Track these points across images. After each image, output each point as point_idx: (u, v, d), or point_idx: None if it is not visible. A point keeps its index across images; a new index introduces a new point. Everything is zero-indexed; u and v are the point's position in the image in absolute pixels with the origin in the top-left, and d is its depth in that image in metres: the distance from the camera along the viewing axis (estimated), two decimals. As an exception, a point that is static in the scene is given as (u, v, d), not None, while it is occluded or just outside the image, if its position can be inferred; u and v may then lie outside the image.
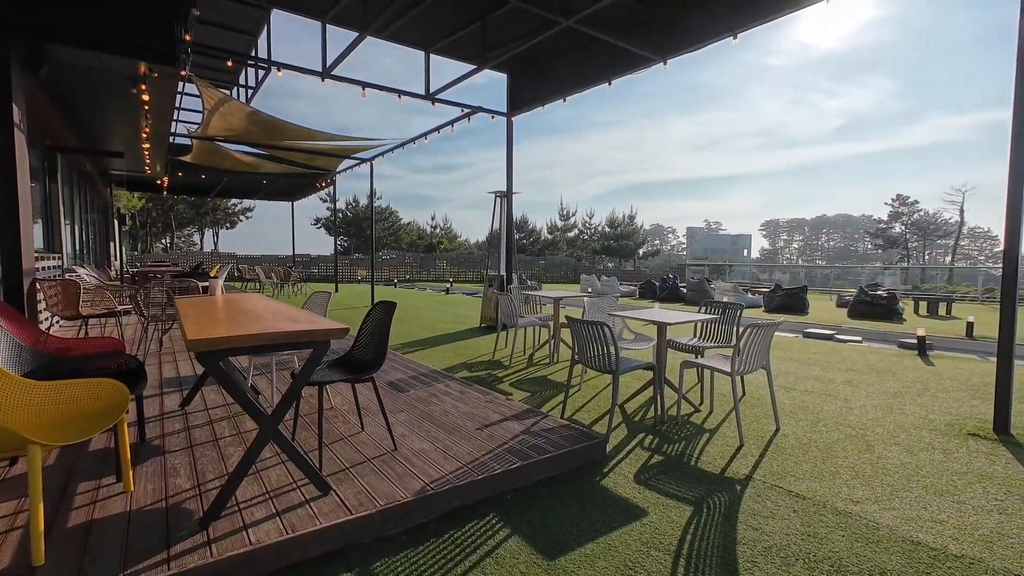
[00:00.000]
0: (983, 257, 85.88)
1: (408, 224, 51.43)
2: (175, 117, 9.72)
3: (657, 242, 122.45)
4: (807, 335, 9.91)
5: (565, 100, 8.07)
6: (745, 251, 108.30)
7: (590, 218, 47.42)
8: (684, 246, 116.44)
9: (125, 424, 2.63)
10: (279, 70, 7.24)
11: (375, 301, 3.53)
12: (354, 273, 31.56)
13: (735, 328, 5.02)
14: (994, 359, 7.34)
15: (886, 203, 61.02)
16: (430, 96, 8.47)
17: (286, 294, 17.15)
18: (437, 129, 10.24)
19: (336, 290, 19.63)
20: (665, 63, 6.59)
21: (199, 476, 2.89)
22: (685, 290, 16.51)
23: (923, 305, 13.58)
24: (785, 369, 6.31)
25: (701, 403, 4.80)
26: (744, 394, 5.08)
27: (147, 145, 9.70)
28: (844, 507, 2.88)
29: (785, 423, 4.30)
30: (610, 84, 7.29)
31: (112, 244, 17.89)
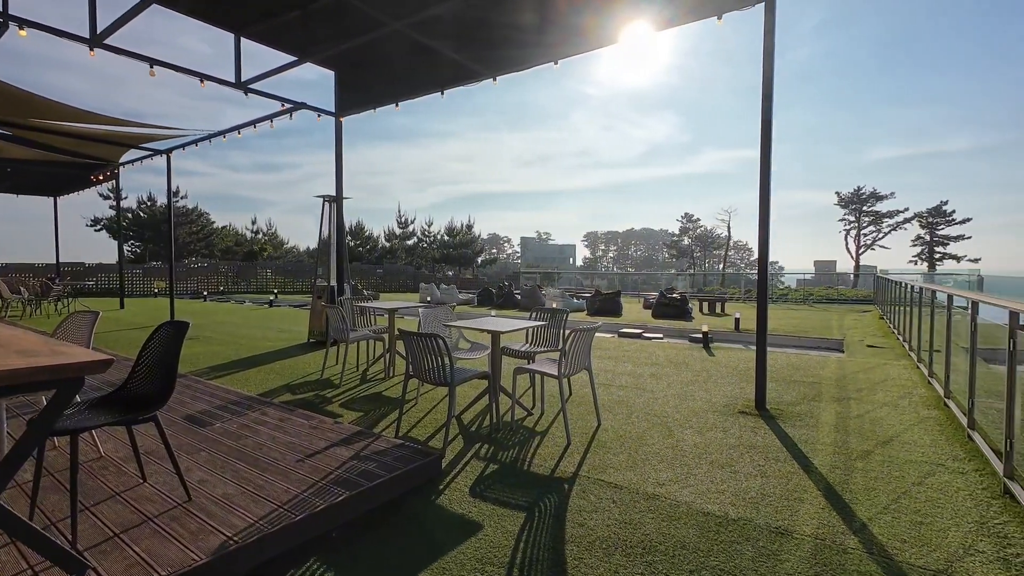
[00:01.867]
0: (744, 265, 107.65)
1: (223, 228, 45.22)
2: None
3: (494, 251, 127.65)
4: (622, 335, 11.18)
5: (398, 105, 7.86)
6: (571, 259, 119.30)
7: (429, 226, 47.28)
8: (519, 254, 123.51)
9: None
10: (21, 28, 5.67)
11: (171, 320, 2.91)
12: (149, 285, 26.56)
13: (561, 332, 5.37)
14: (755, 348, 9.04)
15: (677, 220, 72.64)
16: (241, 85, 7.50)
17: (45, 314, 13.60)
18: (253, 124, 9.13)
19: (121, 306, 16.23)
20: (495, 79, 6.85)
21: None
22: (519, 297, 17.41)
23: (705, 305, 16.42)
24: (604, 367, 6.98)
25: (533, 407, 5.01)
26: (571, 394, 5.46)
27: None
28: (653, 491, 3.23)
29: (605, 418, 4.71)
30: (443, 94, 7.31)
31: None
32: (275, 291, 27.49)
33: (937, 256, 45.67)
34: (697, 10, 5.38)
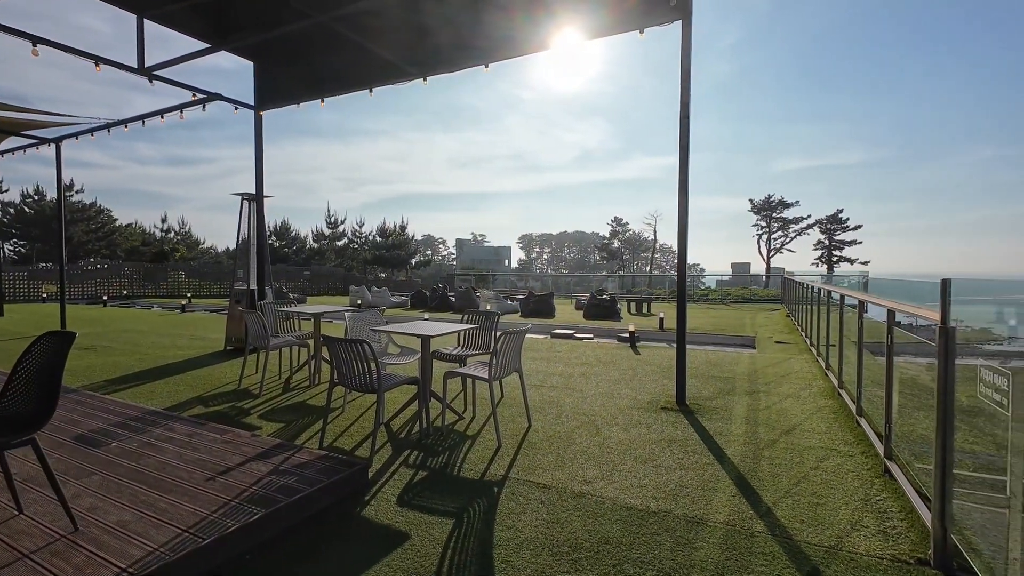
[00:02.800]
0: (669, 267, 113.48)
1: (128, 226, 41.34)
2: None
3: (429, 252, 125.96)
4: (554, 336, 11.40)
5: (323, 101, 7.54)
6: (506, 261, 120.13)
7: (360, 226, 45.82)
8: (454, 256, 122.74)
9: None
10: None
11: (57, 329, 2.58)
12: (37, 290, 23.75)
13: (492, 335, 5.38)
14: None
15: (608, 223, 75.28)
16: (145, 71, 6.88)
17: (-99, 322, 11.77)
18: (160, 114, 8.41)
19: (0, 313, 14.38)
20: (425, 79, 6.76)
21: None
22: (454, 299, 17.29)
23: (633, 305, 17.13)
24: (536, 368, 7.07)
25: (465, 410, 4.98)
26: (503, 396, 5.48)
27: None
28: (580, 489, 3.30)
29: (536, 419, 4.77)
30: (371, 92, 7.11)
31: None
32: (188, 295, 25.51)
33: (835, 259, 50.53)
34: (622, 23, 5.59)
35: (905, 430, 3.56)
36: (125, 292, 26.20)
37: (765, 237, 53.33)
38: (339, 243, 46.41)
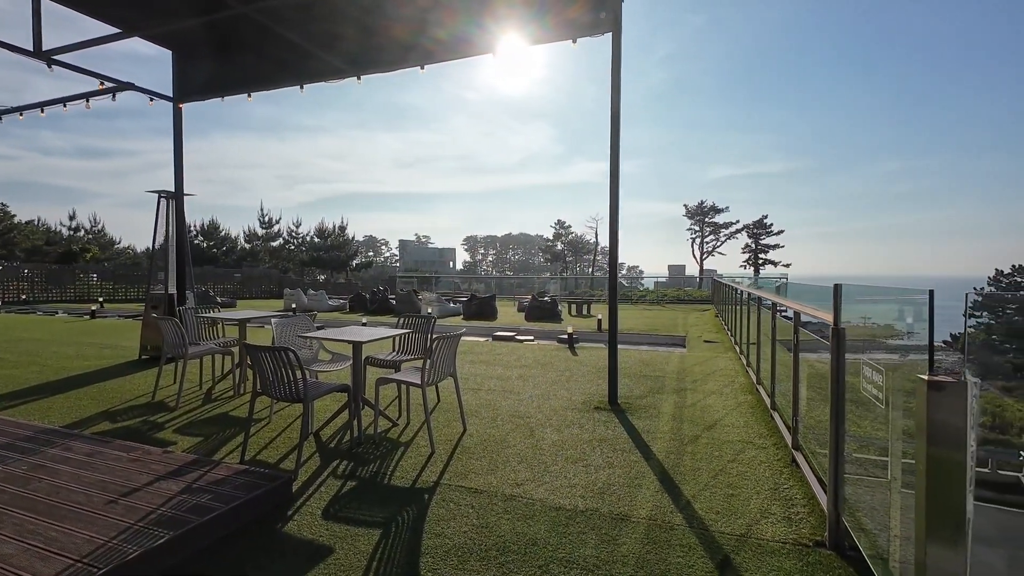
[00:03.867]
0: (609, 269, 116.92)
1: (28, 224, 37.41)
2: None
3: (371, 254, 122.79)
4: (496, 338, 11.44)
5: (251, 95, 7.17)
6: (451, 263, 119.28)
7: (297, 227, 43.88)
8: (397, 258, 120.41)
9: None
10: None
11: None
12: (-86, 294, 21.00)
13: (428, 339, 5.33)
14: (620, 346, 9.77)
15: (551, 226, 76.48)
16: (43, 55, 6.26)
17: None
18: (62, 102, 7.69)
19: None
20: (359, 78, 6.59)
21: None
22: (394, 302, 16.95)
23: (574, 307, 17.50)
24: (475, 372, 7.07)
25: (399, 417, 4.90)
26: (439, 401, 5.43)
27: None
28: (510, 492, 3.33)
29: (471, 423, 4.76)
30: (303, 88, 6.84)
31: None
32: (100, 299, 23.47)
33: (760, 262, 54.00)
34: (557, 32, 5.71)
35: (811, 422, 3.86)
36: (24, 296, 23.70)
37: (698, 241, 56.20)
38: (274, 244, 44.29)
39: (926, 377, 1.55)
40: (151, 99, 7.72)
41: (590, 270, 77.40)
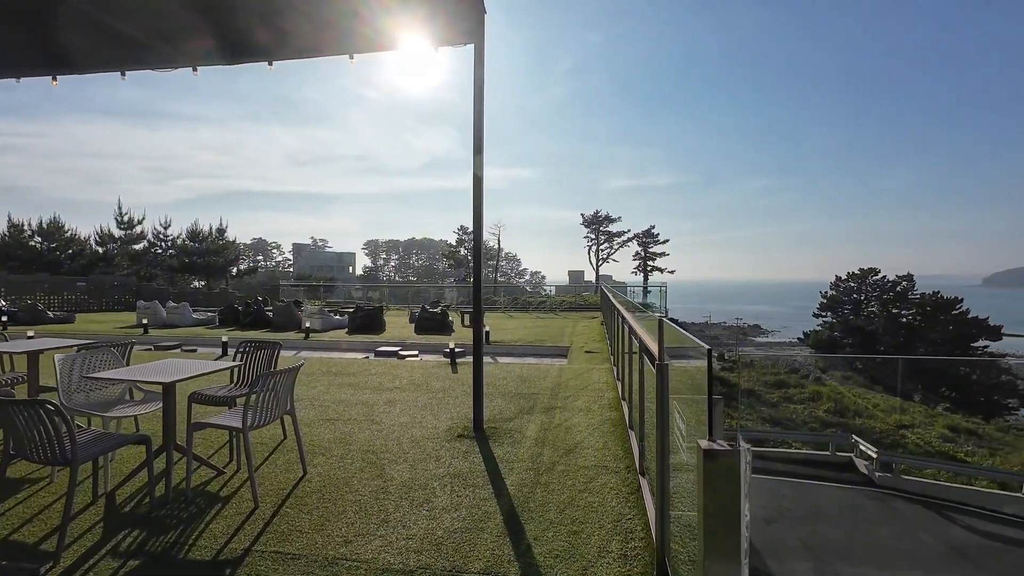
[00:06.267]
0: (513, 274, 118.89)
1: None
2: None
3: (260, 258, 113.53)
4: (378, 354, 10.83)
5: (55, 79, 5.96)
6: (351, 268, 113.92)
7: (165, 228, 38.95)
8: (291, 262, 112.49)
9: None
10: None
11: None
12: None
13: (273, 367, 4.74)
14: (503, 359, 9.62)
15: (454, 231, 76.03)
16: None
17: None
18: None
19: None
20: (195, 69, 5.75)
21: None
22: (272, 315, 15.52)
23: (467, 317, 17.26)
24: (339, 397, 6.50)
25: (228, 463, 4.26)
26: (285, 437, 4.83)
27: None
28: (335, 553, 2.93)
29: (316, 463, 4.26)
30: (124, 76, 5.84)
31: None
32: None
33: (649, 269, 57.95)
34: (421, 38, 5.40)
35: (652, 446, 3.91)
36: None
37: (594, 248, 59.01)
38: (136, 247, 39.00)
39: (703, 444, 1.46)
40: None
41: (494, 276, 78.08)
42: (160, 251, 39.55)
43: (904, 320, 41.91)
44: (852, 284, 46.60)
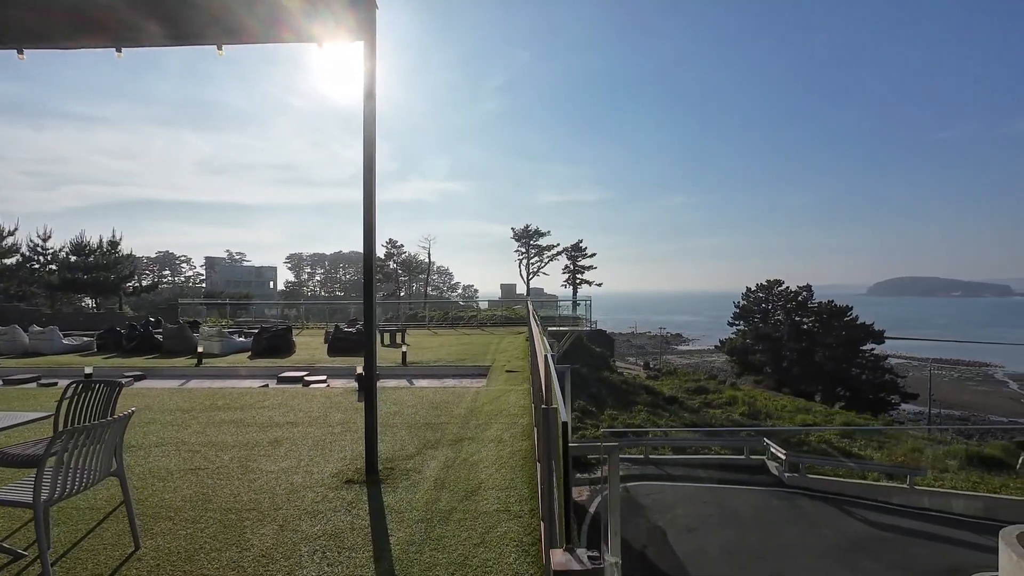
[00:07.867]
0: (445, 287, 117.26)
1: None
2: None
3: (167, 273, 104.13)
4: (281, 380, 9.82)
5: None
6: (271, 283, 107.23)
7: (44, 240, 34.38)
8: (203, 277, 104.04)
9: None
10: None
11: None
12: None
13: (110, 412, 3.91)
14: (420, 382, 8.97)
15: (383, 245, 73.77)
16: None
17: None
18: None
19: None
20: (21, 53, 4.79)
21: None
22: (162, 338, 13.81)
23: (387, 335, 16.40)
24: (214, 439, 5.62)
25: (36, 542, 3.38)
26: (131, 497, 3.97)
27: None
28: (143, 669, 2.26)
29: (156, 532, 3.48)
30: (22, 55, 4.73)
31: None
32: None
33: (578, 282, 59.19)
34: (305, 33, 4.82)
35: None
36: None
37: (525, 261, 59.45)
38: (9, 261, 34.13)
39: (556, 559, 1.06)
40: None
41: (424, 290, 76.44)
42: (38, 266, 34.92)
43: (805, 327, 45.64)
44: (760, 295, 50.12)
